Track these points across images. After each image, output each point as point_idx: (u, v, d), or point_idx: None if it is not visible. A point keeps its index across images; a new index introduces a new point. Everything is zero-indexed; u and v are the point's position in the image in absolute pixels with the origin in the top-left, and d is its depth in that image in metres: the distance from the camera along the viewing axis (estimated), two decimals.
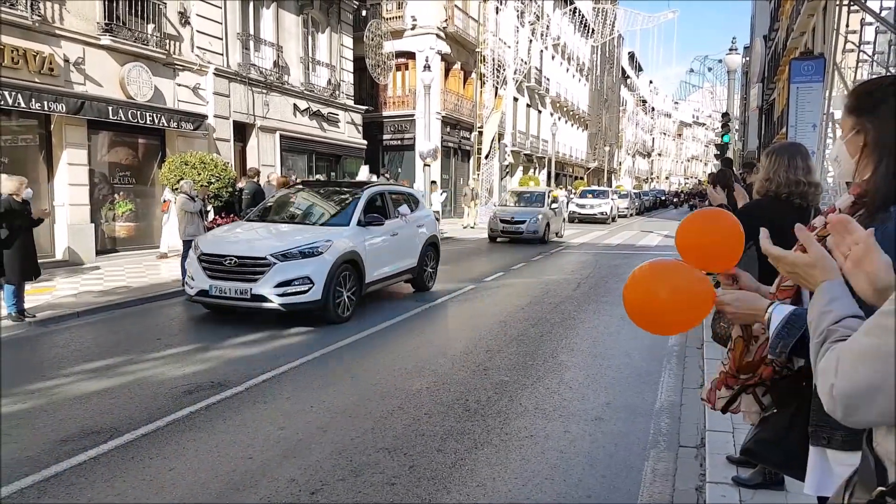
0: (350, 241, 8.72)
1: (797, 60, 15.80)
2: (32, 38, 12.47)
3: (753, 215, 3.42)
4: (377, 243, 9.38)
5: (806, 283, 1.38)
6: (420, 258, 10.65)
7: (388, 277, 9.83)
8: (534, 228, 19.31)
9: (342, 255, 8.40)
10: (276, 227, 9.31)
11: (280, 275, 7.89)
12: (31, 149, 13.24)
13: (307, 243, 8.24)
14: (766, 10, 39.81)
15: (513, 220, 19.69)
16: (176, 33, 16.07)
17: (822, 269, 1.32)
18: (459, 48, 30.86)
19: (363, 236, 9.04)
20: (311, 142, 21.80)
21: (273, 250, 8.06)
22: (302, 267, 7.99)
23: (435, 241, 11.41)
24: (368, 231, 9.21)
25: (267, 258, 7.96)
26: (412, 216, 10.59)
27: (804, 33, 24.22)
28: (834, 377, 1.07)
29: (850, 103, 1.70)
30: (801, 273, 1.38)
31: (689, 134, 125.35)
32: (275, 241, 8.48)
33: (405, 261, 10.27)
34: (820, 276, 1.32)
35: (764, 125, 36.71)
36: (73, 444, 4.51)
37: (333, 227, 9.01)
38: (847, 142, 1.69)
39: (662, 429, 4.94)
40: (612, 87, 65.08)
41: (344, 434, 4.73)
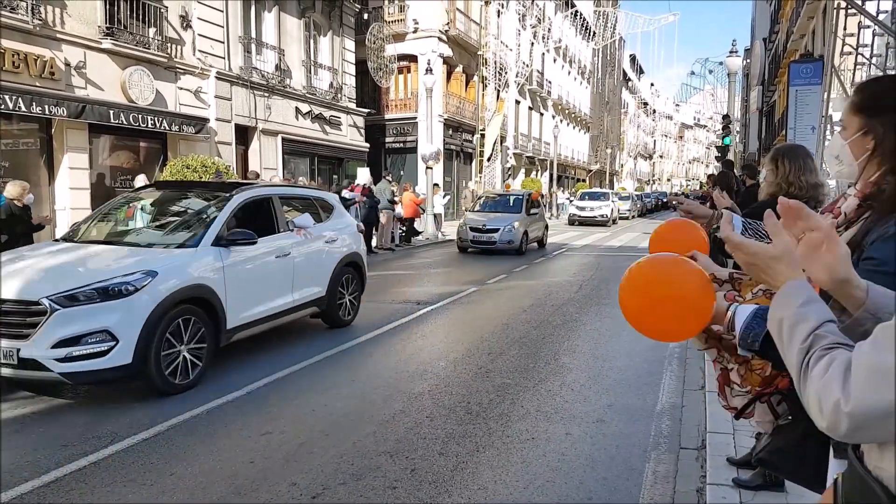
0: (196, 269, 6.00)
1: (796, 63, 15.81)
2: (33, 42, 12.51)
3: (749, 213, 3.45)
4: (249, 270, 6.70)
5: (766, 277, 1.26)
6: (331, 285, 7.99)
7: (274, 316, 7.09)
8: (508, 238, 16.98)
9: (177, 293, 5.65)
10: (84, 250, 6.33)
11: (62, 327, 5.10)
12: (32, 153, 13.27)
13: (109, 278, 5.42)
14: (766, 12, 39.82)
15: (485, 229, 17.30)
16: (177, 37, 16.10)
17: (787, 264, 1.21)
18: (461, 51, 30.89)
19: (221, 261, 6.24)
20: (314, 145, 21.82)
21: (52, 291, 5.20)
22: (99, 315, 5.22)
23: (356, 260, 8.69)
24: (233, 253, 6.42)
25: (41, 302, 5.12)
26: (320, 228, 8.04)
27: (804, 36, 24.22)
28: (840, 392, 0.99)
29: (858, 101, 1.64)
30: (761, 265, 1.25)
31: (690, 136, 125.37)
32: (60, 274, 5.59)
33: (305, 290, 7.57)
34: (785, 272, 1.21)
35: (764, 127, 36.69)
36: (73, 448, 4.51)
37: (174, 251, 6.20)
38: (852, 142, 1.63)
39: (663, 430, 4.94)
40: (614, 90, 65.14)
41: (345, 438, 4.73)
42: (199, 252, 6.18)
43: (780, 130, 24.05)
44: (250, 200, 7.16)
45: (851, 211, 1.62)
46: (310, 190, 9.96)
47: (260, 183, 9.84)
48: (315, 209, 8.31)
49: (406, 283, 12.56)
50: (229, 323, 6.33)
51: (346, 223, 8.88)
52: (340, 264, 8.27)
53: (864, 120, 1.59)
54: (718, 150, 27.53)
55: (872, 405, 0.96)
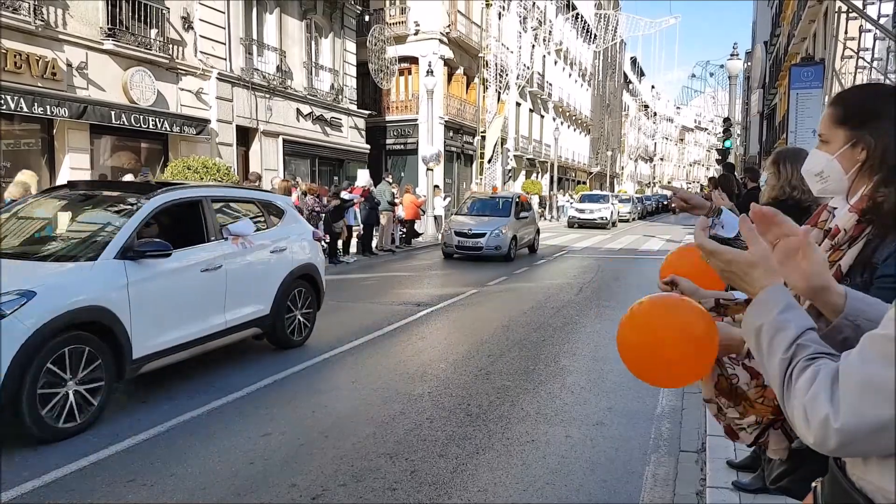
0: (91, 288, 4.94)
1: (797, 66, 15.84)
2: (35, 43, 12.54)
3: None
4: (164, 287, 5.58)
5: (742, 284, 1.19)
6: (277, 301, 6.91)
7: (199, 341, 5.96)
8: (496, 243, 16.00)
9: (61, 318, 4.62)
10: None
11: None
12: (34, 153, 13.30)
13: None
14: (767, 15, 39.87)
15: (470, 234, 16.28)
16: (179, 38, 16.13)
17: (765, 271, 1.15)
18: (462, 53, 30.93)
19: (126, 277, 5.15)
20: (314, 146, 21.85)
21: None
22: None
23: (310, 272, 7.59)
24: (143, 268, 5.31)
25: None
26: (264, 236, 6.96)
27: (805, 39, 24.25)
28: (829, 407, 0.95)
29: (841, 114, 1.57)
30: (737, 272, 1.18)
31: (690, 139, 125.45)
32: None
33: (242, 309, 6.47)
34: (762, 279, 1.15)
35: (765, 130, 36.72)
36: (73, 448, 4.51)
37: (66, 265, 5.11)
38: (840, 156, 1.57)
39: (663, 433, 4.94)
40: (615, 92, 65.20)
41: (345, 439, 4.73)
42: (98, 267, 5.06)
43: (781, 134, 24.07)
44: (172, 204, 6.03)
45: (851, 227, 1.54)
46: (254, 192, 8.65)
47: (191, 183, 8.37)
48: (260, 214, 7.20)
49: (406, 285, 12.56)
50: (136, 352, 5.23)
51: (298, 230, 7.68)
52: (290, 277, 7.18)
53: (851, 131, 1.54)
54: (719, 152, 27.57)
55: (864, 421, 0.93)
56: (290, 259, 7.28)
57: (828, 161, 1.61)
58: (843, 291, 1.20)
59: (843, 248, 1.55)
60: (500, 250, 15.98)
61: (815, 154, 1.67)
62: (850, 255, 1.53)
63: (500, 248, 15.96)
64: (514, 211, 17.23)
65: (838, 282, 1.51)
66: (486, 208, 17.96)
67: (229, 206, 6.99)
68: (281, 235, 7.25)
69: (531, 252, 18.51)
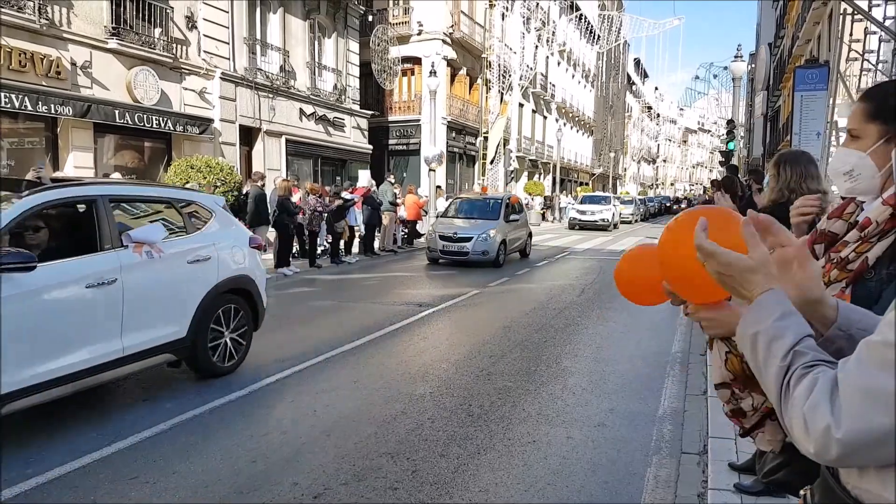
0: None
1: (801, 68, 15.79)
2: (40, 42, 12.57)
3: None
4: (29, 309, 4.44)
5: (739, 289, 1.14)
6: (196, 322, 5.79)
7: (86, 372, 4.85)
8: (483, 248, 14.93)
9: None
10: None
11: None
12: (38, 151, 13.32)
13: None
14: (771, 17, 39.83)
15: (456, 237, 15.27)
16: (183, 37, 16.16)
17: (765, 276, 1.10)
18: (465, 54, 30.94)
19: None
20: (317, 146, 21.87)
21: None
22: None
23: (244, 285, 6.43)
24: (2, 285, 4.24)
25: None
26: (180, 244, 5.82)
27: (809, 41, 24.23)
28: (830, 416, 0.93)
29: (873, 108, 1.54)
30: (736, 276, 1.12)
31: (694, 140, 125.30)
32: None
33: (146, 332, 5.33)
34: (762, 284, 1.10)
35: (769, 132, 36.67)
36: (76, 445, 4.52)
37: None
38: (872, 152, 1.54)
39: (665, 435, 4.94)
40: (618, 94, 65.15)
41: (347, 438, 4.74)
42: None
43: (784, 136, 24.04)
44: (56, 205, 5.06)
45: (884, 220, 1.52)
46: (171, 189, 7.16)
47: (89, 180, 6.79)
48: (178, 216, 6.03)
49: (408, 285, 12.57)
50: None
51: (230, 235, 6.44)
52: (215, 291, 6.01)
53: (885, 126, 1.51)
54: (722, 154, 27.53)
55: (866, 431, 0.90)
56: (216, 270, 6.05)
57: (859, 158, 1.58)
58: (836, 304, 1.19)
59: (872, 240, 1.54)
60: (488, 255, 14.90)
61: (844, 152, 1.64)
62: (880, 247, 1.52)
63: (487, 253, 14.86)
64: (503, 213, 16.05)
65: (863, 273, 1.52)
66: (474, 210, 16.70)
67: (136, 207, 5.99)
68: (204, 242, 6.03)
69: (523, 257, 17.38)
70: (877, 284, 1.51)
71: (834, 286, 1.56)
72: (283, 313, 9.73)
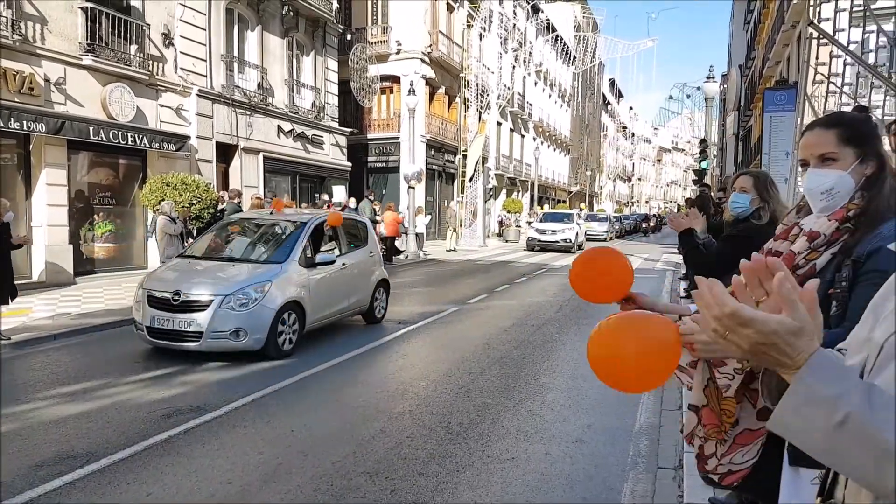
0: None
1: (770, 90, 16.17)
2: (13, 58, 12.43)
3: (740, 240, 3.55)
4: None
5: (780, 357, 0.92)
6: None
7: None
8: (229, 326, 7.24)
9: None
10: None
11: None
12: (9, 168, 13.13)
13: None
14: (742, 39, 40.67)
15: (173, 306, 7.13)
16: (159, 54, 16.09)
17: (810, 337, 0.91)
18: (444, 73, 31.17)
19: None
20: (295, 163, 21.83)
21: None
22: None
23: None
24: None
25: None
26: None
27: (779, 62, 24.77)
28: None
29: (848, 134, 1.74)
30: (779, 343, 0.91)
31: (668, 159, 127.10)
32: None
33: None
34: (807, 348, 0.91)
35: (741, 151, 37.33)
36: (48, 468, 4.44)
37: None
38: (853, 171, 1.73)
39: (641, 450, 4.97)
40: (594, 113, 65.98)
41: (325, 458, 4.70)
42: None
43: (755, 155, 24.48)
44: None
45: (831, 233, 1.72)
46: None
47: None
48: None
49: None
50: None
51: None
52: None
53: (859, 149, 1.71)
54: (696, 173, 27.94)
55: None
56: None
57: (840, 177, 1.74)
58: None
59: (820, 249, 1.73)
60: (241, 342, 7.38)
61: (821, 173, 1.77)
62: (826, 256, 1.72)
63: (240, 335, 7.35)
64: (300, 249, 8.43)
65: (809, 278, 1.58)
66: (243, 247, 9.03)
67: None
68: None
69: (368, 322, 10.05)
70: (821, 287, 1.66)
71: None
72: None
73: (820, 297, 1.57)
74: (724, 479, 2.05)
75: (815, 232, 1.76)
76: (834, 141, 1.74)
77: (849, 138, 1.73)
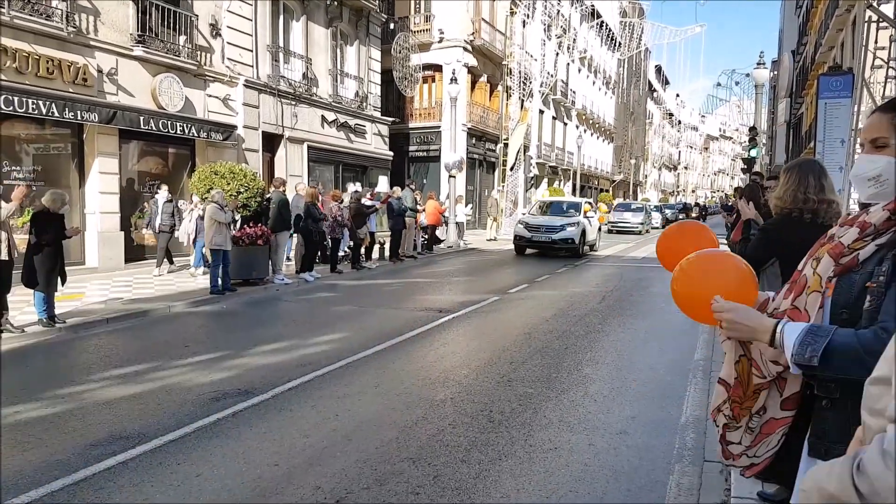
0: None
1: (825, 76, 15.61)
2: (67, 49, 12.80)
3: (769, 233, 3.43)
4: None
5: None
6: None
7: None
8: None
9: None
10: None
11: None
12: (64, 157, 13.55)
13: None
14: (794, 24, 39.45)
15: None
16: (207, 45, 16.37)
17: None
18: (486, 61, 30.98)
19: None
20: (338, 153, 22.02)
21: None
22: None
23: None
24: None
25: None
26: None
27: (832, 48, 23.96)
28: None
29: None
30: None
31: (715, 147, 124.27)
32: None
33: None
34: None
35: (792, 139, 36.28)
36: (102, 448, 4.59)
37: None
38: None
39: (687, 443, 4.89)
40: (639, 100, 64.84)
41: (368, 443, 4.75)
42: None
43: (807, 143, 23.78)
44: None
45: (881, 222, 1.63)
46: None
47: None
48: None
49: (428, 291, 12.59)
50: None
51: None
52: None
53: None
54: (744, 161, 27.28)
55: None
56: None
57: (888, 163, 1.64)
58: None
59: (867, 239, 1.65)
60: None
61: (870, 158, 1.70)
62: (871, 247, 1.63)
63: None
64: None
65: (852, 268, 1.66)
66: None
67: None
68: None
69: None
70: (861, 278, 1.62)
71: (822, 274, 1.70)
72: (304, 318, 9.80)
73: (857, 289, 1.62)
74: (746, 472, 2.05)
75: (867, 222, 1.68)
76: (887, 125, 1.65)
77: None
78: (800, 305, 1.73)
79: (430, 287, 13.23)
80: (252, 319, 9.64)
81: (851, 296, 1.62)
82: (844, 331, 1.52)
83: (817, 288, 1.70)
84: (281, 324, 9.32)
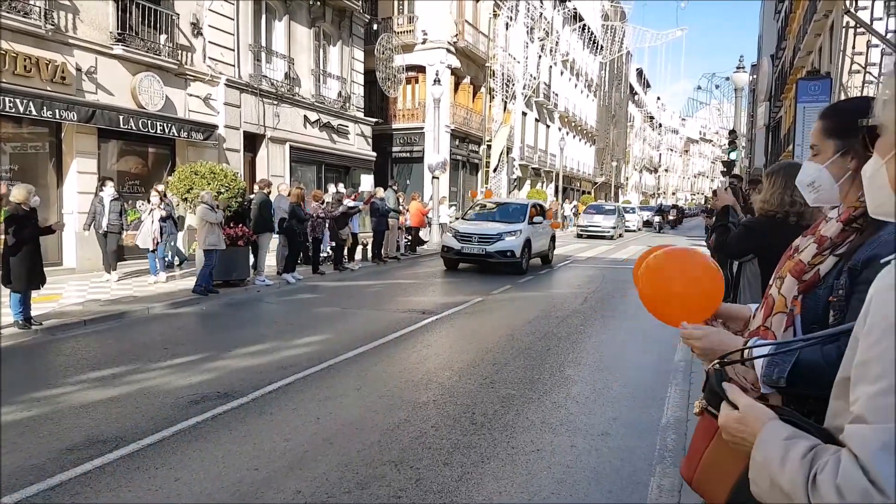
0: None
1: (804, 80, 15.83)
2: (45, 47, 12.61)
3: (754, 231, 3.45)
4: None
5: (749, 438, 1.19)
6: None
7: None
8: None
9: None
10: None
11: None
12: (42, 156, 13.36)
13: None
14: (773, 29, 39.95)
15: None
16: (188, 44, 16.22)
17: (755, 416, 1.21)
18: (469, 62, 31.02)
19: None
20: (321, 153, 21.91)
21: None
22: None
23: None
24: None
25: None
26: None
27: (811, 52, 24.28)
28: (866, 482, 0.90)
29: (830, 125, 1.68)
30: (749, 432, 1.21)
31: (695, 150, 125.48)
32: None
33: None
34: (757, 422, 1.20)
35: (771, 142, 36.71)
36: (78, 452, 4.51)
37: None
38: (830, 164, 1.66)
39: (668, 444, 4.91)
40: (620, 103, 65.27)
41: (350, 446, 4.72)
42: None
43: (786, 146, 24.06)
44: None
45: (835, 235, 1.63)
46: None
47: None
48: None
49: (411, 293, 12.57)
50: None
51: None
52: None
53: (840, 141, 1.64)
54: (724, 164, 27.54)
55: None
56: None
57: (818, 170, 1.70)
58: None
59: (825, 253, 1.64)
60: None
61: (807, 165, 1.77)
62: (830, 261, 1.62)
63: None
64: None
65: (814, 285, 1.65)
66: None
67: None
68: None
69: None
70: (824, 292, 1.61)
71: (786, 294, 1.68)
72: (286, 320, 9.74)
73: (823, 304, 1.62)
74: None
75: (823, 236, 1.67)
76: (818, 132, 1.71)
77: (831, 130, 1.67)
78: (769, 326, 1.74)
79: (414, 288, 13.20)
80: (233, 321, 9.56)
81: (818, 312, 1.62)
82: (809, 349, 1.52)
83: (782, 309, 1.69)
84: (262, 325, 9.25)
